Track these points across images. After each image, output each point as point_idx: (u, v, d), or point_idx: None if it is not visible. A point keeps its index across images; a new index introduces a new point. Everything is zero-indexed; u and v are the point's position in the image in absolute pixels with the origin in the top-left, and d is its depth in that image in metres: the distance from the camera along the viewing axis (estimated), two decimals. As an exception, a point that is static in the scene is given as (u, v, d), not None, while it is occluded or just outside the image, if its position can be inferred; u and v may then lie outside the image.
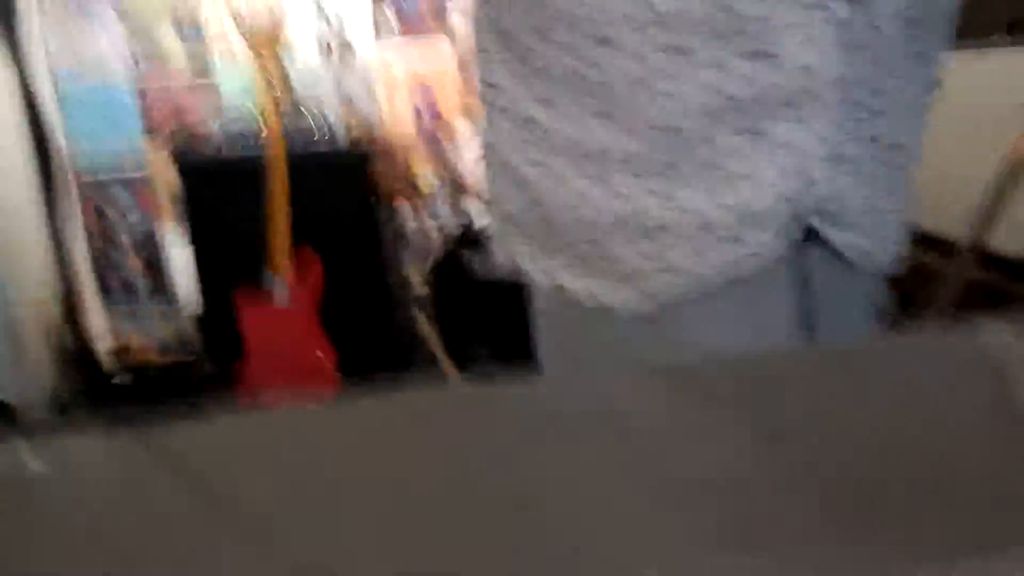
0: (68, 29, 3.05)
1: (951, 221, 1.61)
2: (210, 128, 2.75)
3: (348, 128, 2.86)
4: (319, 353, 2.35)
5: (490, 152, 0.68)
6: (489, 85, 0.65)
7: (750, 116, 0.54)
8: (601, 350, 0.63)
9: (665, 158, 0.56)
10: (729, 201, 0.55)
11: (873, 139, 0.58)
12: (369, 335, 2.48)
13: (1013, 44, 1.43)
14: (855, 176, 0.57)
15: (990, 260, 1.47)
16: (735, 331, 0.58)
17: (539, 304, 0.70)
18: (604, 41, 0.56)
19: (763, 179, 0.55)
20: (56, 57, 3.07)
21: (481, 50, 0.66)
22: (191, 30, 3.07)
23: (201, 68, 3.08)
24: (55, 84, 3.07)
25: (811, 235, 0.58)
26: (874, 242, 0.61)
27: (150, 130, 3.11)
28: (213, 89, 3.11)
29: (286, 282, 2.38)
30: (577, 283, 0.62)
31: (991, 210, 1.31)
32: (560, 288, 0.64)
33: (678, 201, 0.56)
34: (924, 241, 1.73)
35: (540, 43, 0.59)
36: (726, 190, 0.55)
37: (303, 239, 2.40)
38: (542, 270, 0.65)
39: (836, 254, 0.59)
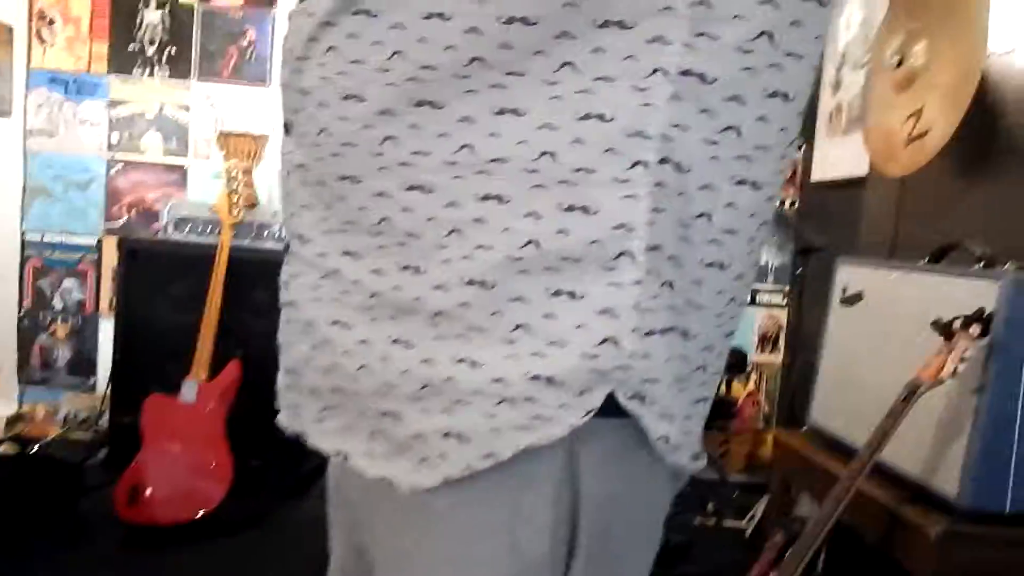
0: (53, 115, 3.12)
1: (858, 429, 1.62)
2: (164, 208, 2.76)
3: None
4: (212, 455, 2.24)
5: (289, 304, 0.63)
6: (295, 234, 0.62)
7: (564, 274, 0.51)
8: (382, 525, 0.59)
9: (475, 318, 0.52)
10: (536, 369, 0.51)
11: (684, 332, 0.55)
12: (281, 450, 2.39)
13: (934, 270, 1.51)
14: (667, 351, 0.53)
15: (884, 475, 1.47)
16: (497, 521, 0.54)
17: (329, 467, 0.64)
18: (420, 187, 0.53)
19: (573, 344, 0.51)
20: (34, 134, 3.11)
21: (287, 194, 0.62)
22: (172, 125, 3.15)
23: (173, 148, 3.14)
24: (24, 151, 3.10)
25: (610, 409, 0.52)
26: (678, 432, 0.55)
27: (109, 206, 3.11)
28: (180, 170, 3.15)
29: (198, 378, 2.31)
30: (359, 450, 0.58)
31: (887, 427, 1.32)
32: (341, 454, 0.59)
33: (484, 369, 0.52)
34: (831, 445, 1.73)
35: (351, 189, 0.56)
36: (534, 357, 0.52)
37: (232, 339, 2.36)
38: (326, 434, 0.60)
39: (634, 436, 0.54)
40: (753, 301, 3.27)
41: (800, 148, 3.23)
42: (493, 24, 0.50)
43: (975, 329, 1.29)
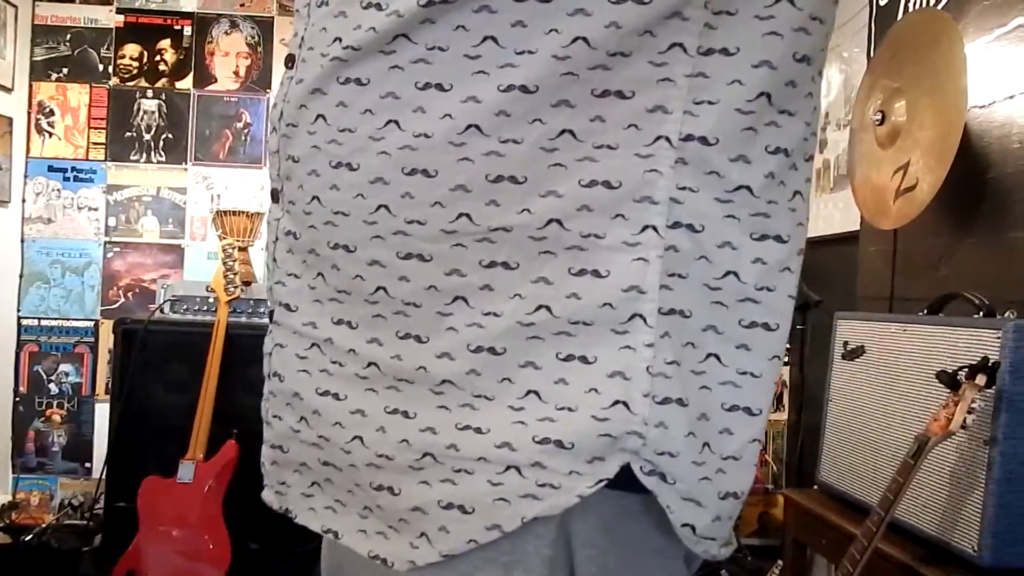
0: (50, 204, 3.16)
1: (869, 486, 1.59)
2: (161, 289, 2.75)
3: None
4: (209, 537, 2.18)
5: (273, 375, 0.61)
6: (280, 303, 0.60)
7: (576, 339, 0.50)
8: None
9: (483, 385, 0.51)
10: (545, 432, 0.49)
11: (704, 386, 0.52)
12: (280, 531, 2.33)
13: (935, 321, 1.51)
14: (688, 424, 0.50)
15: (900, 532, 1.43)
16: None
17: (324, 546, 0.62)
18: (419, 256, 0.53)
19: (583, 408, 0.49)
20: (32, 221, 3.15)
21: (273, 261, 0.61)
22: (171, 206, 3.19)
23: (170, 230, 3.17)
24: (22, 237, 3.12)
25: (624, 482, 0.49)
26: (699, 508, 0.51)
27: (106, 289, 3.12)
28: (176, 251, 3.18)
29: (195, 458, 2.27)
30: (351, 528, 0.56)
31: (899, 483, 1.30)
32: (331, 532, 0.58)
33: (490, 435, 0.50)
34: (843, 503, 1.70)
35: (344, 258, 0.55)
36: (543, 422, 0.49)
37: (229, 418, 2.33)
38: (314, 511, 0.59)
39: (641, 508, 0.51)
40: (754, 359, 3.25)
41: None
42: (491, 92, 0.50)
43: (981, 379, 1.28)
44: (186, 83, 3.23)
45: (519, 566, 0.51)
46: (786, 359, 3.26)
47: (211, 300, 2.50)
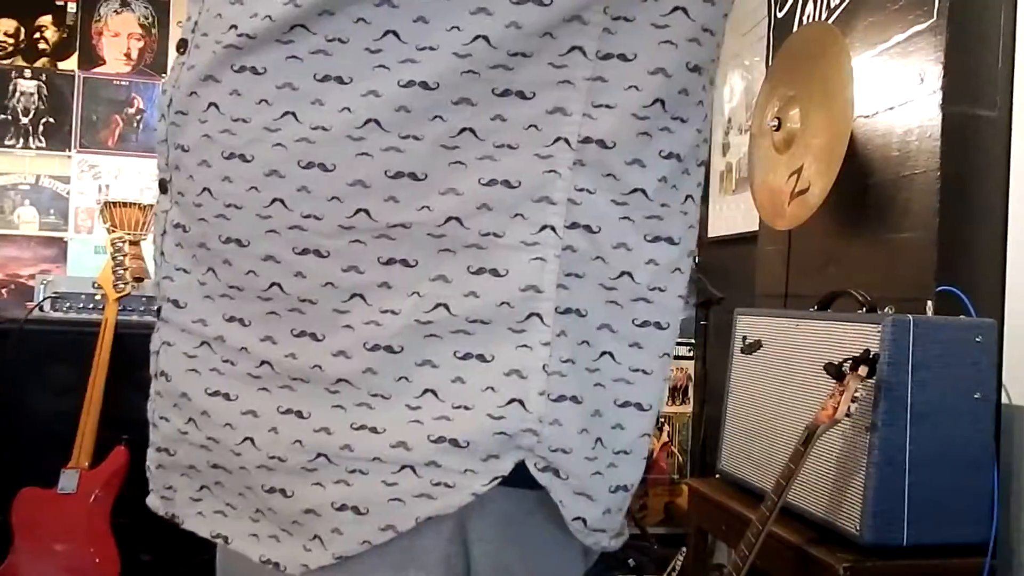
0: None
1: (765, 473, 1.68)
2: (40, 285, 2.60)
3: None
4: (96, 550, 2.08)
5: (160, 375, 0.59)
6: (168, 299, 0.58)
7: (474, 337, 0.50)
8: None
9: (379, 384, 0.51)
10: (440, 431, 0.50)
11: (598, 383, 0.54)
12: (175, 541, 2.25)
13: (823, 316, 1.61)
14: (581, 421, 0.52)
15: (792, 516, 1.52)
16: None
17: (218, 553, 0.60)
18: (315, 251, 0.52)
19: (479, 406, 0.50)
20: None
21: (160, 255, 0.60)
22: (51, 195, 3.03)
23: (51, 221, 3.01)
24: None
25: (519, 479, 0.50)
26: (591, 502, 0.53)
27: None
28: (59, 244, 3.02)
29: (80, 466, 2.16)
30: (242, 532, 0.55)
31: (791, 470, 1.38)
32: (220, 537, 0.57)
33: (385, 435, 0.50)
34: (741, 491, 1.79)
35: (237, 253, 0.54)
36: (439, 420, 0.50)
37: (119, 423, 2.22)
38: (203, 516, 0.58)
39: (536, 505, 0.52)
40: (661, 354, 3.36)
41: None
42: (391, 87, 0.50)
43: (863, 370, 1.37)
44: (70, 64, 3.06)
45: (414, 564, 0.51)
46: (691, 353, 3.39)
47: (98, 297, 2.39)
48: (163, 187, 0.59)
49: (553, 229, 0.51)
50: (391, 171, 0.51)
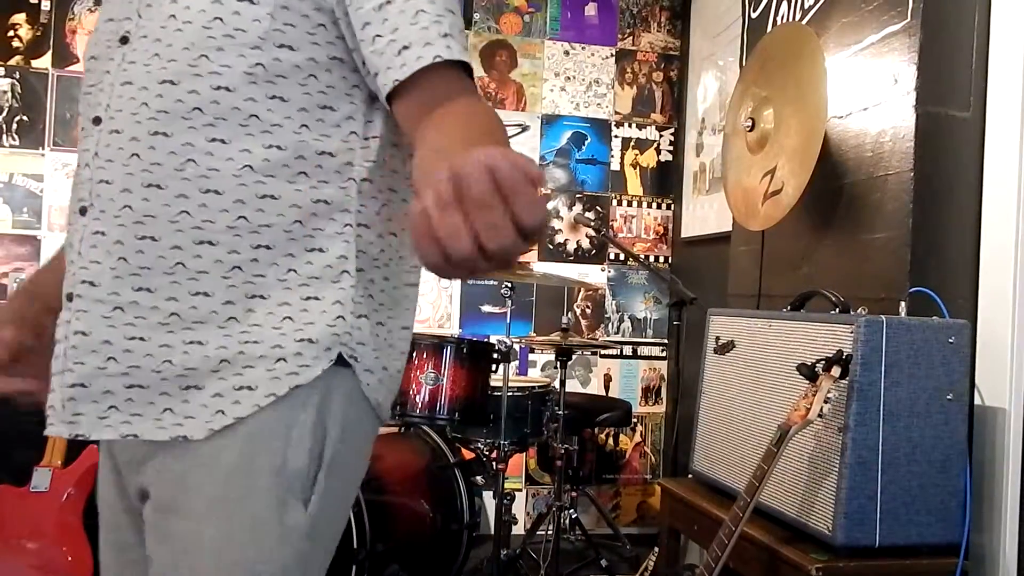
0: None
1: (738, 473, 1.67)
2: (13, 283, 2.53)
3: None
4: (68, 549, 2.04)
5: (77, 334, 0.81)
6: (83, 283, 0.81)
7: (312, 286, 0.83)
8: (173, 474, 0.80)
9: (253, 318, 0.81)
10: (302, 336, 0.81)
11: (376, 308, 0.87)
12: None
13: (796, 317, 1.60)
14: (371, 328, 0.86)
15: (764, 516, 1.52)
16: (274, 446, 0.79)
17: (101, 456, 0.93)
18: (209, 243, 0.81)
19: (320, 321, 0.82)
20: None
21: (80, 257, 0.82)
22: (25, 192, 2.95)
23: (24, 219, 2.94)
24: None
25: (342, 362, 0.83)
26: (376, 382, 0.87)
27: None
28: (32, 242, 2.95)
29: (53, 464, 2.11)
30: (149, 428, 0.79)
31: (763, 470, 1.37)
32: (129, 436, 0.80)
33: (264, 344, 0.80)
34: (714, 491, 1.78)
35: (149, 246, 0.80)
36: (298, 331, 0.81)
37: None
38: (111, 426, 0.80)
39: (358, 391, 0.85)
40: (635, 354, 3.36)
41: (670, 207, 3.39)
42: (258, 148, 0.81)
43: (836, 371, 1.37)
44: (44, 62, 3.00)
45: (296, 424, 0.81)
46: (664, 353, 3.39)
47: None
48: (83, 211, 0.82)
49: (351, 225, 0.85)
50: (259, 193, 0.81)
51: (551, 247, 3.30)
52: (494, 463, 2.33)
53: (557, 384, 2.43)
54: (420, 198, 0.47)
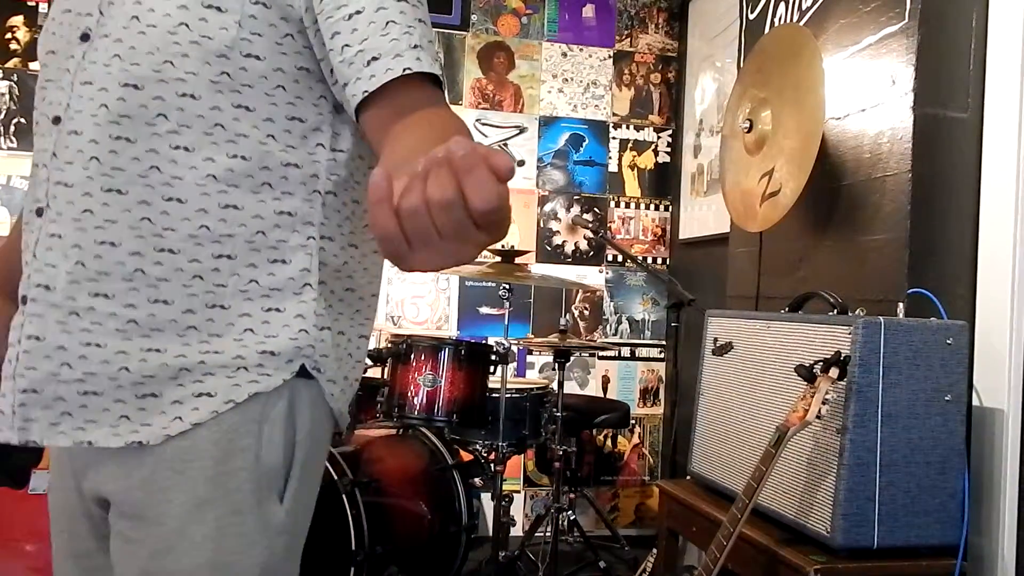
0: None
1: (736, 475, 1.67)
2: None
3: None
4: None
5: (31, 338, 0.80)
6: (38, 286, 0.79)
7: (273, 299, 0.83)
8: (135, 479, 0.79)
9: (215, 328, 0.80)
10: (264, 348, 0.81)
11: (336, 318, 0.88)
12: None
13: (794, 318, 1.60)
14: (333, 341, 0.86)
15: (763, 517, 1.51)
16: (247, 443, 0.80)
17: (51, 463, 0.92)
18: (170, 251, 0.80)
19: (283, 334, 0.82)
20: None
21: (35, 259, 0.80)
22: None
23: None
24: None
25: (305, 373, 0.83)
26: (339, 392, 0.88)
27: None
28: None
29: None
30: (104, 435, 0.78)
31: (762, 472, 1.37)
32: (84, 443, 0.78)
33: (225, 354, 0.80)
34: (712, 492, 1.78)
35: (108, 251, 0.78)
36: (260, 343, 0.81)
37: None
38: (63, 434, 0.79)
39: (322, 396, 0.86)
40: (633, 356, 3.36)
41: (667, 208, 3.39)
42: (222, 157, 0.80)
43: (834, 372, 1.37)
44: (42, 63, 2.99)
45: (267, 422, 0.82)
46: (662, 355, 3.39)
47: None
48: (40, 213, 0.81)
49: (314, 238, 0.85)
50: (222, 203, 0.80)
51: (549, 248, 3.30)
52: (492, 465, 2.33)
53: (555, 386, 2.43)
54: (382, 167, 0.46)
